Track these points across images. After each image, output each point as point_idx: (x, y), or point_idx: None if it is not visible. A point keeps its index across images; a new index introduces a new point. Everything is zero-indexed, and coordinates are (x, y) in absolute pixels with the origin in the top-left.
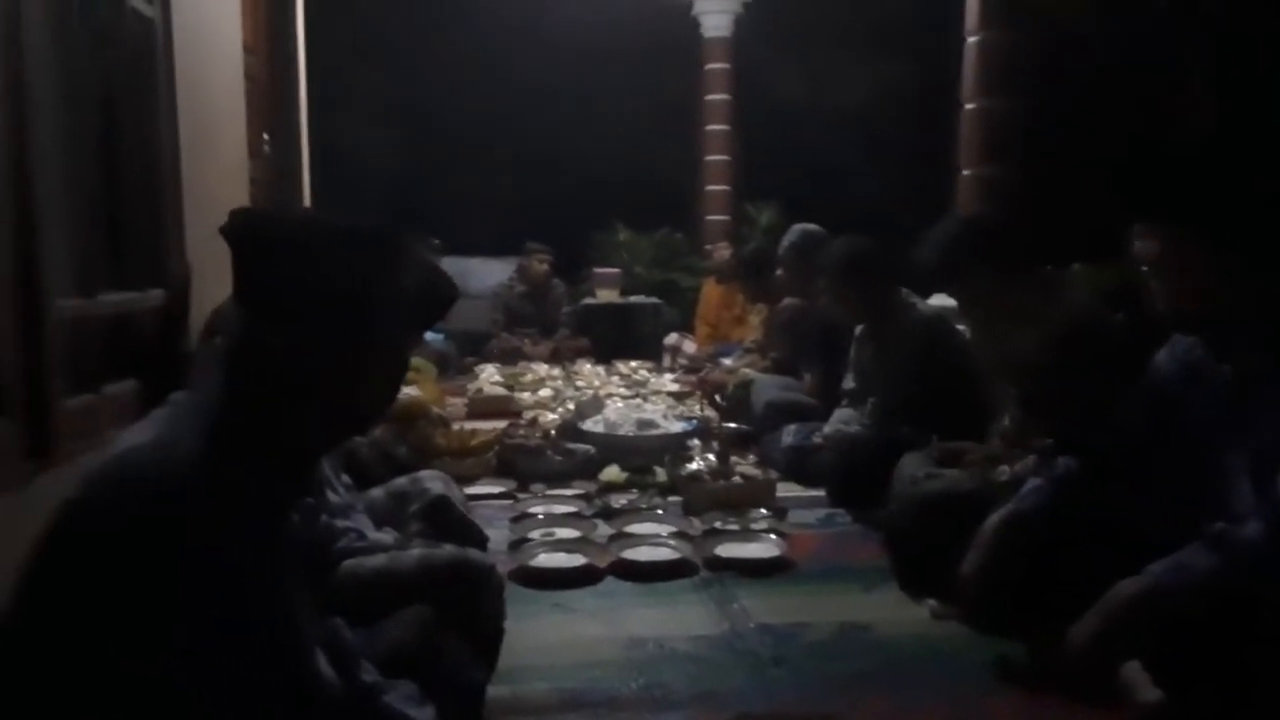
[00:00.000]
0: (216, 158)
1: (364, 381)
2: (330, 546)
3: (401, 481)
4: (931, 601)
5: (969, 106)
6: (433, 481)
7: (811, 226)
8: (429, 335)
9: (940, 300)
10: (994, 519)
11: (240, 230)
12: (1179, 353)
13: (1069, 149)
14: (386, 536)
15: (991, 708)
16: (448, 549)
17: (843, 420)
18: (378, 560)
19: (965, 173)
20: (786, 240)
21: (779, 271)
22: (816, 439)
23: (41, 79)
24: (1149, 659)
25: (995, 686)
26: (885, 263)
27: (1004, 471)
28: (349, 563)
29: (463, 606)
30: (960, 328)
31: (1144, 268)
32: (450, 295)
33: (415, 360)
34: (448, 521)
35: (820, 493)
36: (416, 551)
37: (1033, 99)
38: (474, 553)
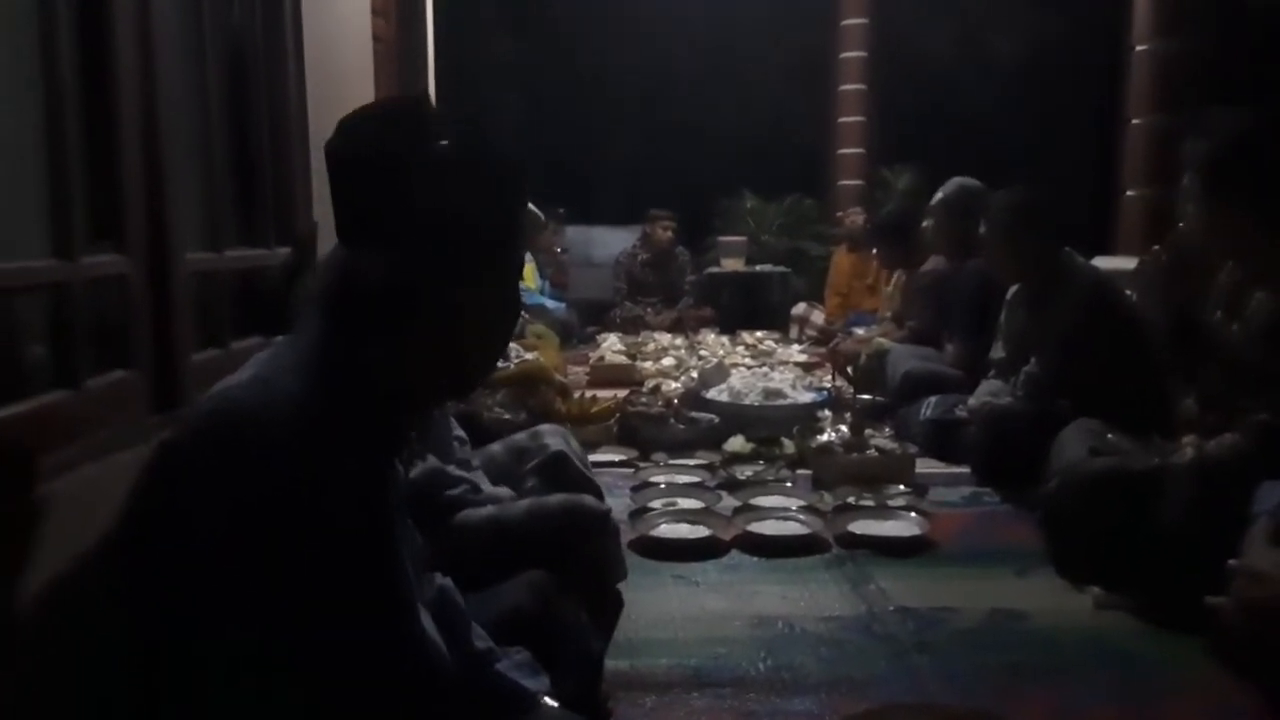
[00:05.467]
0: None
1: (464, 312)
2: (441, 493)
3: (520, 437)
4: (1095, 590)
5: (1140, 49)
6: (552, 437)
7: (970, 181)
8: (551, 304)
9: (1105, 263)
10: None
11: (336, 155)
12: None
13: (1256, 93)
14: (502, 491)
15: (1168, 709)
16: (559, 495)
17: (990, 392)
18: (486, 510)
19: (1135, 122)
20: (940, 194)
21: (925, 224)
22: (960, 412)
23: (169, 37)
24: None
25: (1171, 685)
26: (1054, 216)
27: (1186, 452)
28: (461, 515)
29: (577, 555)
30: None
31: None
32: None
33: (537, 328)
34: (566, 479)
35: (964, 469)
36: (527, 501)
37: (1217, 36)
38: (588, 498)
